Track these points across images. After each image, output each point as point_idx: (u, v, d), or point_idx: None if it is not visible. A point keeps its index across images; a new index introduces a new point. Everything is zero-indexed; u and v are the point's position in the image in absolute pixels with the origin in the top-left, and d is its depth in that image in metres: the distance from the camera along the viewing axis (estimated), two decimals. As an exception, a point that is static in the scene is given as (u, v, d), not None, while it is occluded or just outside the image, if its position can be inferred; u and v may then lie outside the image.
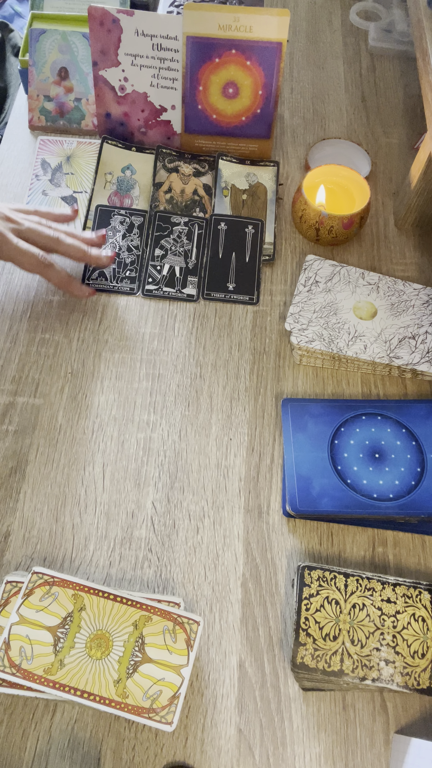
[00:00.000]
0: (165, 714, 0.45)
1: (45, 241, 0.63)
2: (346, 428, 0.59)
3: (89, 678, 0.46)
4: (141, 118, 0.76)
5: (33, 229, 0.63)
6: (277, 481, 0.59)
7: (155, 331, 0.66)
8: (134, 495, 0.58)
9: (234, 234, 0.71)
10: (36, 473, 0.58)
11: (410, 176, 0.70)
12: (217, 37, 0.67)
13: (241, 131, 0.75)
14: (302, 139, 0.81)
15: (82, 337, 0.66)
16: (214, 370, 0.64)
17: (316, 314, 0.65)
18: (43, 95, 0.78)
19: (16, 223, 0.63)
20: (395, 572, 0.55)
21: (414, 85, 0.87)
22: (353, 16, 0.92)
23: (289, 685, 0.50)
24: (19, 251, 0.61)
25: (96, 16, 0.68)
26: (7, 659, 0.46)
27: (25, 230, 0.63)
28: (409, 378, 0.64)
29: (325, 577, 0.51)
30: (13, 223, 0.63)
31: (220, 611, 0.53)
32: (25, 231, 0.63)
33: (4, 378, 0.63)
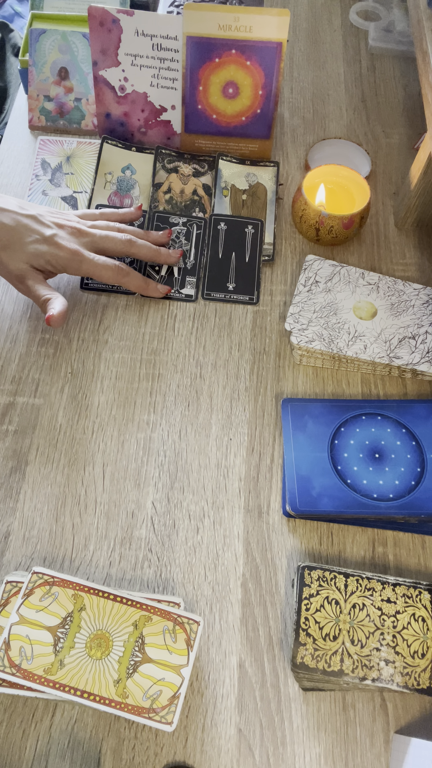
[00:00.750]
0: (165, 714, 0.45)
1: (119, 247, 0.64)
2: (346, 428, 0.59)
3: (89, 678, 0.46)
4: (141, 118, 0.76)
5: (105, 237, 0.63)
6: (277, 481, 0.59)
7: (155, 331, 0.66)
8: (134, 495, 0.58)
9: (234, 234, 0.71)
10: (36, 473, 0.58)
11: (410, 176, 0.70)
12: (217, 37, 0.67)
13: (241, 131, 0.75)
14: (302, 139, 0.81)
15: (82, 337, 0.66)
16: (214, 370, 0.64)
17: (316, 314, 0.65)
18: (43, 95, 0.78)
19: (88, 236, 0.63)
20: (395, 572, 0.55)
21: (414, 85, 0.87)
22: (353, 16, 0.92)
23: (289, 685, 0.50)
24: (96, 266, 0.62)
25: (96, 16, 0.68)
26: (7, 659, 0.46)
27: (99, 240, 0.63)
28: (409, 378, 0.64)
29: (325, 577, 0.51)
30: (86, 237, 0.63)
31: (220, 611, 0.53)
32: (98, 241, 0.63)
33: (4, 378, 0.63)
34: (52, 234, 0.61)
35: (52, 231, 0.61)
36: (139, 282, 0.65)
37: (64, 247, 0.61)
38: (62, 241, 0.61)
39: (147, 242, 0.66)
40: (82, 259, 0.61)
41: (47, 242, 0.60)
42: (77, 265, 0.61)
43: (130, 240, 0.64)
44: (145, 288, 0.66)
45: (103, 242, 0.63)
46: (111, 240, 0.64)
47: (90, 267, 0.62)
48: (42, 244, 0.60)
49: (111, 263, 0.62)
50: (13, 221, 0.60)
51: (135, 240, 0.65)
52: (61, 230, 0.62)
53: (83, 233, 0.63)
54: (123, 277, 0.63)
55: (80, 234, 0.63)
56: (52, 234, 0.61)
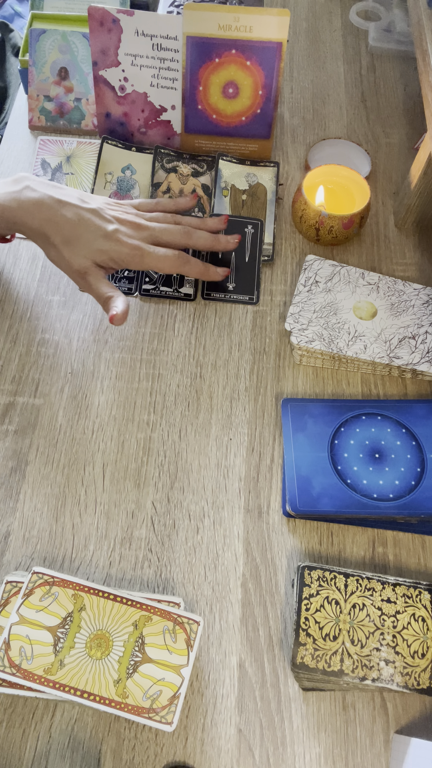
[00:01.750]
0: (165, 714, 0.45)
1: (178, 239, 0.64)
2: (346, 428, 0.59)
3: (89, 678, 0.46)
4: (141, 118, 0.76)
5: (164, 230, 0.64)
6: (277, 481, 0.59)
7: (155, 331, 0.66)
8: (134, 495, 0.58)
9: (233, 234, 0.71)
10: (36, 473, 0.58)
11: (410, 176, 0.70)
12: (217, 37, 0.67)
13: (241, 131, 0.75)
14: (302, 139, 0.81)
15: (82, 337, 0.66)
16: (214, 370, 0.64)
17: (316, 314, 0.65)
18: (43, 95, 0.78)
19: (148, 230, 0.63)
20: (395, 572, 0.55)
21: (414, 85, 0.87)
22: (353, 16, 0.92)
23: (289, 685, 0.50)
24: (158, 258, 0.62)
25: (96, 16, 0.68)
26: (7, 659, 0.46)
27: (158, 233, 0.63)
28: (409, 378, 0.64)
29: (325, 577, 0.51)
30: (146, 231, 0.63)
31: (220, 611, 0.53)
32: (157, 235, 0.63)
33: (4, 378, 0.63)
34: (114, 229, 0.61)
35: (114, 226, 0.61)
36: (200, 268, 0.65)
37: (126, 243, 0.60)
38: (124, 237, 0.61)
39: (204, 233, 0.66)
40: (143, 254, 0.61)
41: (110, 238, 0.60)
42: (139, 260, 0.61)
43: (188, 231, 0.65)
44: (206, 272, 0.66)
45: (162, 235, 0.63)
46: (169, 232, 0.64)
47: (152, 260, 0.62)
48: (105, 241, 0.60)
49: (171, 253, 0.62)
50: (76, 216, 0.60)
51: (192, 231, 0.65)
52: (122, 225, 0.62)
53: (142, 227, 0.63)
54: (184, 265, 0.63)
55: (140, 228, 0.63)
56: (114, 229, 0.61)
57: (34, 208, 0.59)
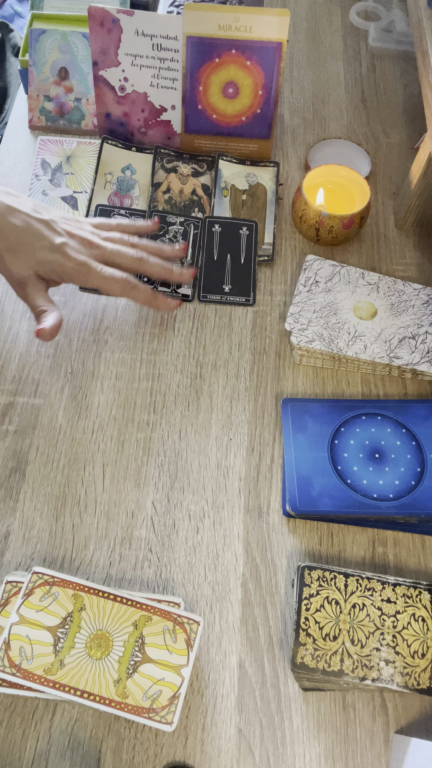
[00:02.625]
0: (165, 714, 0.45)
1: (130, 264, 0.62)
2: (346, 428, 0.59)
3: (89, 678, 0.46)
4: (141, 118, 0.76)
5: (116, 251, 0.62)
6: (277, 481, 0.59)
7: (155, 331, 0.66)
8: (134, 495, 0.58)
9: (229, 236, 0.71)
10: (36, 473, 0.58)
11: (410, 176, 0.70)
12: (217, 37, 0.67)
13: (241, 131, 0.75)
14: (302, 139, 0.81)
15: (82, 337, 0.66)
16: (214, 370, 0.64)
17: (316, 314, 0.65)
18: (43, 95, 0.78)
19: (99, 248, 0.61)
20: (395, 572, 0.55)
21: (414, 85, 0.87)
22: (353, 16, 0.92)
23: (289, 685, 0.50)
24: (104, 279, 0.60)
25: (96, 16, 0.68)
26: (7, 659, 0.46)
27: (109, 254, 0.61)
28: (409, 378, 0.64)
29: (325, 577, 0.51)
30: (97, 249, 0.61)
31: (220, 611, 0.53)
32: (108, 255, 0.61)
33: (4, 378, 0.63)
34: (62, 242, 0.59)
35: (63, 239, 0.59)
36: (147, 296, 0.63)
37: (72, 258, 0.59)
38: (71, 252, 0.59)
39: (159, 261, 0.64)
40: (89, 271, 0.59)
41: (56, 251, 0.59)
42: (84, 277, 0.60)
43: (141, 258, 0.63)
44: (154, 301, 0.63)
45: (113, 257, 0.62)
46: (122, 255, 0.62)
47: (96, 279, 0.60)
48: (50, 252, 0.59)
49: (118, 276, 0.60)
50: (23, 223, 0.59)
51: (147, 258, 0.63)
52: (71, 239, 0.60)
53: (94, 245, 0.61)
54: (130, 291, 0.61)
55: (91, 246, 0.61)
56: (62, 242, 0.59)
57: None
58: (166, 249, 0.66)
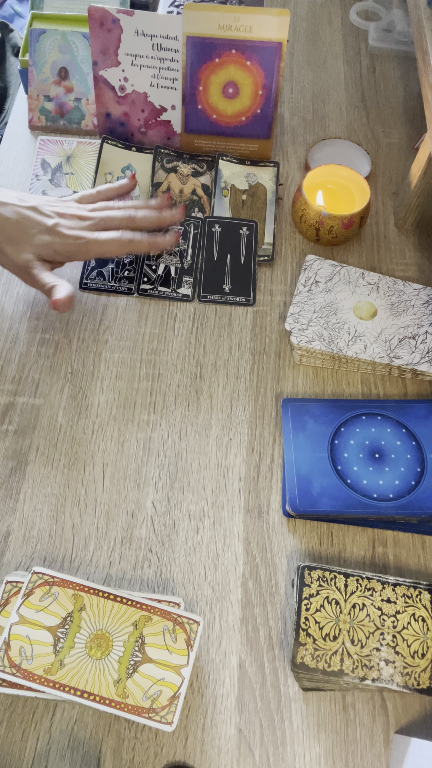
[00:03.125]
0: (165, 714, 0.45)
1: (120, 223, 0.65)
2: (346, 428, 0.59)
3: (89, 678, 0.46)
4: (141, 118, 0.76)
5: (106, 217, 0.64)
6: (277, 481, 0.59)
7: (155, 331, 0.66)
8: (134, 495, 0.58)
9: (228, 236, 0.71)
10: (36, 473, 0.58)
11: (410, 176, 0.70)
12: (217, 37, 0.67)
13: (241, 131, 0.75)
14: (302, 139, 0.81)
15: (82, 337, 0.66)
16: (214, 370, 0.64)
17: (316, 314, 0.65)
18: (43, 95, 0.78)
19: (90, 220, 0.64)
20: (395, 572, 0.55)
21: (414, 85, 0.87)
22: (353, 16, 0.92)
23: (289, 685, 0.50)
24: (102, 243, 0.62)
25: (96, 16, 0.68)
26: (7, 659, 0.46)
27: (100, 221, 0.64)
28: (409, 378, 0.64)
29: (325, 577, 0.51)
30: (88, 221, 0.63)
31: (220, 611, 0.53)
32: (100, 223, 0.64)
33: (4, 378, 0.63)
34: (55, 223, 0.61)
35: (54, 220, 0.62)
36: (146, 241, 0.65)
37: (68, 235, 0.61)
38: (64, 230, 0.61)
39: (147, 212, 0.66)
40: (86, 242, 0.62)
41: (51, 232, 0.61)
42: (84, 249, 0.62)
43: (129, 216, 0.65)
44: (154, 244, 0.65)
45: (104, 223, 0.64)
46: (112, 219, 0.64)
47: (96, 247, 0.62)
48: (46, 235, 0.61)
49: (114, 235, 0.63)
50: (15, 214, 0.60)
51: (134, 213, 0.65)
52: (62, 219, 0.62)
53: (84, 218, 0.63)
54: (129, 245, 0.64)
55: (81, 219, 0.63)
56: (55, 223, 0.61)
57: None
58: (151, 202, 0.69)
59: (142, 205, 0.68)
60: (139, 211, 0.66)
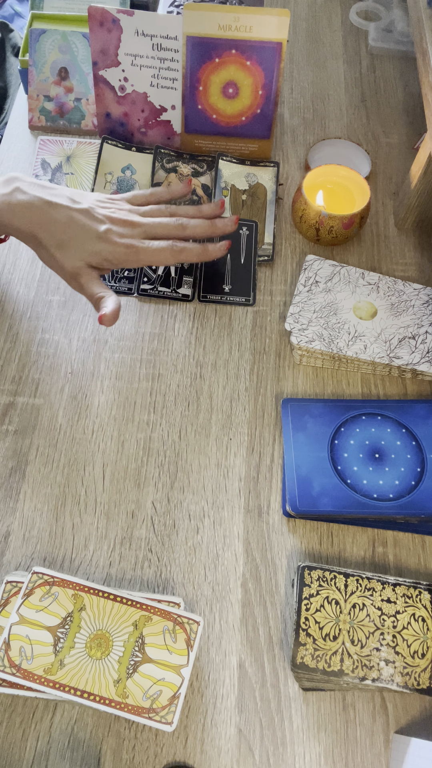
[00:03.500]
0: (165, 714, 0.45)
1: (171, 231, 0.64)
2: (346, 428, 0.59)
3: (89, 678, 0.46)
4: (141, 118, 0.76)
5: (157, 224, 0.63)
6: (277, 481, 0.59)
7: (155, 331, 0.66)
8: (134, 495, 0.58)
9: (228, 236, 0.71)
10: (36, 473, 0.58)
11: (410, 176, 0.70)
12: (217, 37, 0.67)
13: (241, 131, 0.75)
14: (302, 139, 0.81)
15: (82, 337, 0.66)
16: (214, 370, 0.64)
17: (316, 314, 0.65)
18: (43, 95, 0.78)
19: (140, 226, 0.62)
20: (395, 572, 0.55)
21: (414, 85, 0.87)
22: (353, 16, 0.92)
23: (289, 685, 0.50)
24: (153, 253, 0.61)
25: (96, 16, 0.68)
26: (7, 659, 0.46)
27: (151, 229, 0.63)
28: (409, 378, 0.64)
29: (325, 577, 0.51)
30: (138, 227, 0.62)
31: (220, 611, 0.53)
32: (150, 230, 0.63)
33: (4, 378, 0.63)
34: (106, 229, 0.60)
35: (106, 226, 0.60)
36: (198, 251, 0.64)
37: (119, 243, 0.60)
38: (116, 237, 0.60)
39: (199, 221, 0.65)
40: (137, 251, 0.60)
41: (102, 239, 0.59)
42: (135, 258, 0.61)
43: (182, 223, 0.64)
44: (206, 253, 0.64)
45: (155, 230, 0.63)
46: (163, 226, 0.63)
47: (147, 256, 0.61)
48: (98, 242, 0.59)
49: (165, 245, 0.61)
50: (66, 218, 0.59)
51: (187, 222, 0.64)
52: (113, 225, 0.61)
53: (135, 224, 0.62)
54: (180, 254, 0.62)
55: (132, 225, 0.62)
56: (106, 229, 0.60)
57: (25, 211, 0.58)
58: (204, 209, 0.67)
59: (194, 212, 0.67)
60: (192, 220, 0.65)
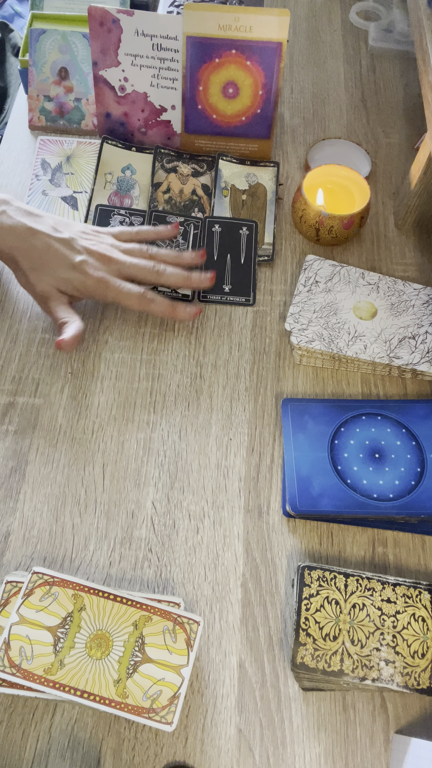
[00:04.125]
0: (165, 714, 0.45)
1: (147, 277, 0.64)
2: (346, 428, 0.59)
3: (89, 678, 0.46)
4: (141, 118, 0.76)
5: (134, 265, 0.64)
6: (277, 481, 0.59)
7: (155, 331, 0.66)
8: (134, 495, 0.58)
9: (228, 236, 0.71)
10: (36, 473, 0.58)
11: (410, 176, 0.70)
12: (217, 37, 0.67)
13: (241, 131, 0.75)
14: (302, 139, 0.81)
15: (82, 337, 0.66)
16: (214, 370, 0.64)
17: (316, 314, 0.65)
18: (43, 95, 0.78)
19: (117, 263, 0.63)
20: (395, 572, 0.55)
21: (414, 85, 0.87)
22: (353, 16, 0.92)
23: (289, 685, 0.50)
24: (122, 294, 0.62)
25: (96, 16, 0.68)
26: (7, 659, 0.46)
27: (127, 268, 0.63)
28: (409, 378, 0.64)
29: (325, 577, 0.51)
30: (114, 264, 0.63)
31: (220, 611, 0.53)
32: (126, 269, 0.63)
33: (4, 378, 0.63)
34: (81, 261, 0.62)
35: (82, 257, 0.62)
36: (165, 308, 0.64)
37: (91, 276, 0.61)
38: (89, 269, 0.62)
39: (176, 270, 0.65)
40: (107, 287, 0.62)
41: (75, 269, 0.62)
42: (103, 293, 0.62)
43: (158, 271, 0.64)
44: (173, 312, 0.64)
45: (131, 270, 0.63)
46: (138, 268, 0.64)
47: (116, 294, 0.62)
48: (70, 271, 0.62)
49: (135, 291, 0.62)
50: (44, 245, 0.61)
51: (164, 270, 0.64)
52: (90, 257, 0.62)
53: (112, 261, 0.63)
54: (148, 305, 0.63)
55: (109, 261, 0.63)
56: (81, 261, 0.62)
57: (6, 235, 0.61)
58: (185, 257, 0.67)
59: (173, 259, 0.66)
60: (169, 267, 0.65)
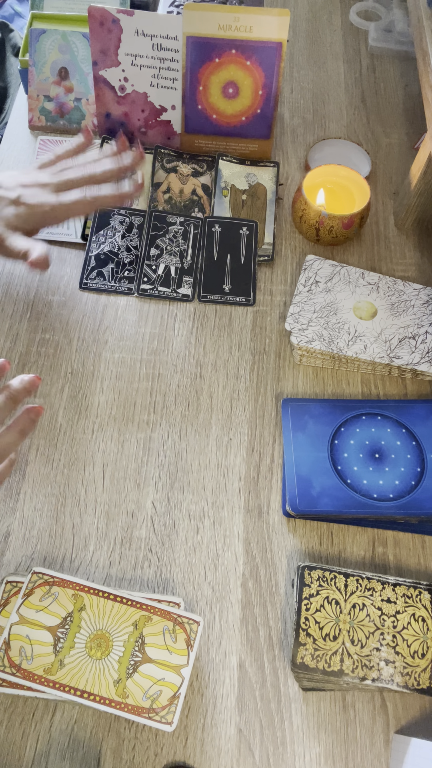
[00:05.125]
0: (165, 714, 0.45)
1: (81, 183, 0.64)
2: (346, 428, 0.59)
3: (89, 678, 0.46)
4: (141, 118, 0.76)
5: (67, 179, 0.64)
6: (277, 481, 0.59)
7: (155, 331, 0.66)
8: (134, 495, 0.58)
9: (228, 236, 0.71)
10: (36, 473, 0.58)
11: (410, 176, 0.70)
12: (217, 37, 0.67)
13: (241, 131, 0.75)
14: (302, 139, 0.81)
15: (82, 337, 0.66)
16: (214, 370, 0.64)
17: (316, 314, 0.65)
18: (43, 95, 0.78)
19: (50, 185, 0.64)
20: (395, 572, 0.55)
21: (414, 85, 0.87)
22: (353, 16, 0.92)
23: (289, 685, 0.50)
24: (68, 208, 0.63)
25: (96, 16, 0.68)
26: (7, 659, 0.46)
27: (62, 184, 0.64)
28: (409, 378, 0.64)
29: (325, 577, 0.51)
30: (48, 186, 0.64)
31: (220, 611, 0.53)
32: (61, 186, 0.64)
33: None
34: (18, 195, 0.62)
35: (17, 192, 0.63)
36: (113, 198, 0.64)
37: (33, 204, 0.62)
38: (29, 199, 0.62)
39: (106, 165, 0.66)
40: (52, 207, 0.62)
41: (16, 204, 0.62)
42: (52, 215, 0.62)
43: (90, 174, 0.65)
44: (122, 199, 0.65)
45: (66, 185, 0.64)
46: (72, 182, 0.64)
47: (63, 211, 0.62)
48: (11, 206, 0.62)
49: (77, 196, 0.63)
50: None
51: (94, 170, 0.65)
52: (25, 189, 0.63)
53: (45, 184, 0.64)
54: (95, 203, 0.63)
55: (43, 186, 0.64)
56: (18, 195, 0.62)
57: None
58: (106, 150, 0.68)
59: (97, 156, 0.67)
60: (98, 164, 0.66)
